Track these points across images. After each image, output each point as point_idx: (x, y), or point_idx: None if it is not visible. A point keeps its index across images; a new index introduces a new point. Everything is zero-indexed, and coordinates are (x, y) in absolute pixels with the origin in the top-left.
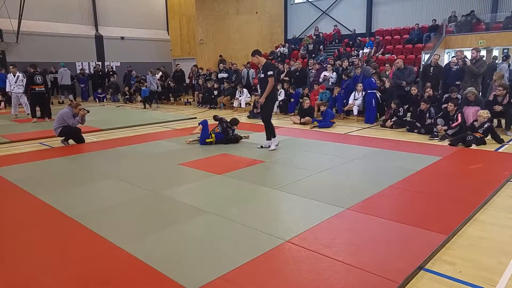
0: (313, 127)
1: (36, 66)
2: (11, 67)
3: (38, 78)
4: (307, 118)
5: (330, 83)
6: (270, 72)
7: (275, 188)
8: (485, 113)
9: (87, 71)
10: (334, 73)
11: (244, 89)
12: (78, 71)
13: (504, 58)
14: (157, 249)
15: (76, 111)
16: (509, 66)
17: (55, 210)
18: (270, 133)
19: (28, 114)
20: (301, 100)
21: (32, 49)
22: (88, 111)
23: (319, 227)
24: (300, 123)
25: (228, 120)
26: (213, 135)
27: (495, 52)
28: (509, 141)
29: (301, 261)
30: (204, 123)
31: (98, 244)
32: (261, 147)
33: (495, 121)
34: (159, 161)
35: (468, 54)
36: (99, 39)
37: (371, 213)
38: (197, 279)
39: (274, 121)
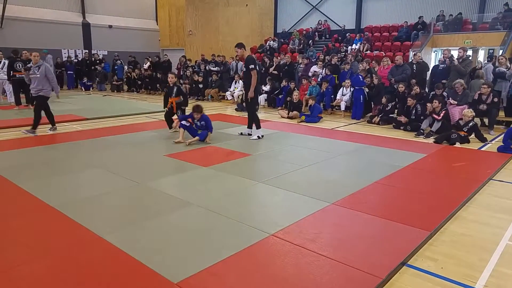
0: (301, 121)
1: (18, 52)
2: None
3: (18, 65)
4: (295, 112)
5: (319, 79)
6: (251, 66)
7: (260, 181)
8: (469, 112)
9: (73, 59)
10: (325, 68)
11: (240, 81)
12: (65, 59)
13: (489, 59)
14: (140, 241)
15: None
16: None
17: (36, 199)
18: (255, 124)
19: (12, 102)
20: (289, 98)
21: (17, 35)
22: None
23: (304, 221)
24: (288, 117)
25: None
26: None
27: (481, 52)
28: (492, 140)
29: (286, 255)
30: (184, 122)
31: (80, 234)
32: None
33: (478, 120)
34: (145, 151)
35: (454, 53)
36: (86, 26)
37: (356, 208)
38: (181, 272)
39: (261, 115)
